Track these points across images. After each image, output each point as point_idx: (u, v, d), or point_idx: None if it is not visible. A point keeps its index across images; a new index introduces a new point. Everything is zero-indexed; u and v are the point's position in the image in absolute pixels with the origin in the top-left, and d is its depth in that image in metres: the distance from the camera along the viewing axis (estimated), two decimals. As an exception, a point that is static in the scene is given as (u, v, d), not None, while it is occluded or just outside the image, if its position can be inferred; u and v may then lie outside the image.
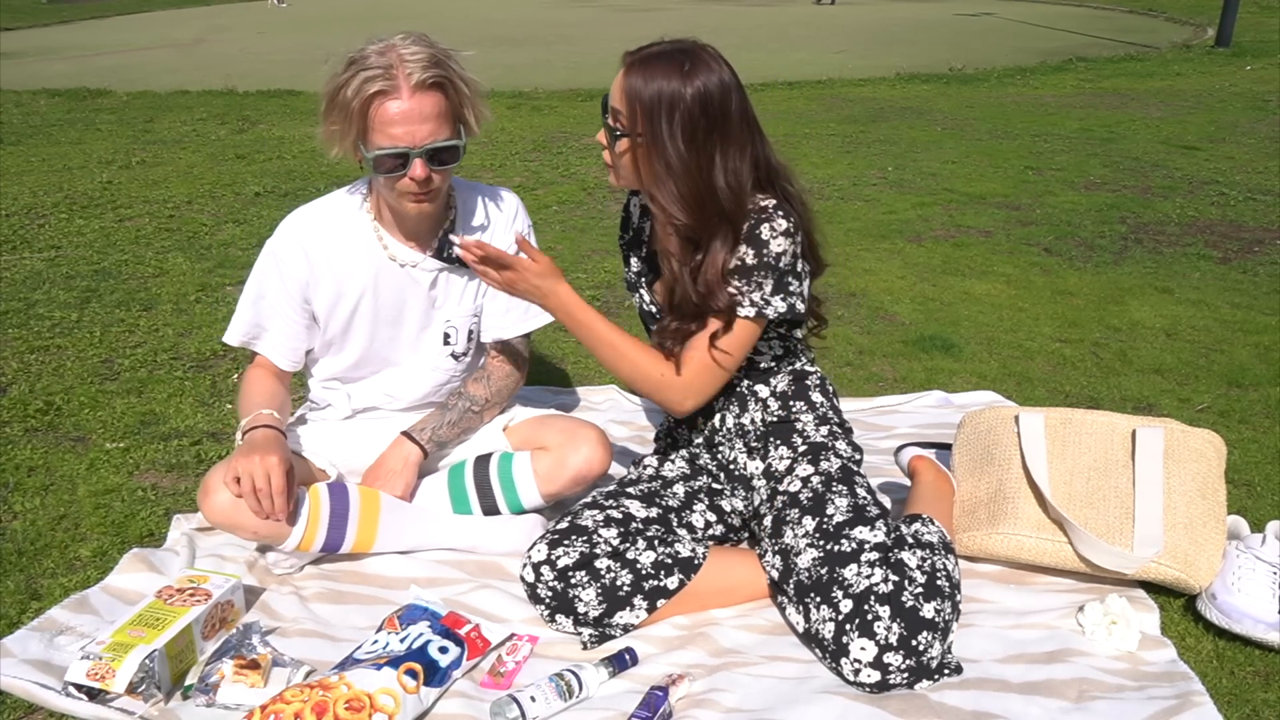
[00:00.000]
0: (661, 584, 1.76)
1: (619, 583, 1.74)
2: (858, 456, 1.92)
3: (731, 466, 1.94)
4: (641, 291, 1.92)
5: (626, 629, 1.76)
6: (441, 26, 14.07)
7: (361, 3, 18.16)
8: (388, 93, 1.69)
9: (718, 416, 1.93)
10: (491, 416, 2.08)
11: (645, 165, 1.65)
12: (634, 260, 1.95)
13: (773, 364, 1.89)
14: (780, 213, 1.68)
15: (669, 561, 1.77)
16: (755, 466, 1.90)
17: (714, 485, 1.97)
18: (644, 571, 1.76)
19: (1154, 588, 1.86)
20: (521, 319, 2.05)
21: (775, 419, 1.90)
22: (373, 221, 1.92)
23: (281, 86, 8.44)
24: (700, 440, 1.98)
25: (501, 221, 2.02)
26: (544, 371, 2.95)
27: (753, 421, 1.90)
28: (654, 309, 1.90)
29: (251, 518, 1.77)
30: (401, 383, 2.05)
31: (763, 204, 1.69)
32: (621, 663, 1.64)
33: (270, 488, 1.74)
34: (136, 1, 19.04)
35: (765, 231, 1.67)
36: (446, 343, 2.02)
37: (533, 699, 1.54)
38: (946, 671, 1.61)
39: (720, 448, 1.95)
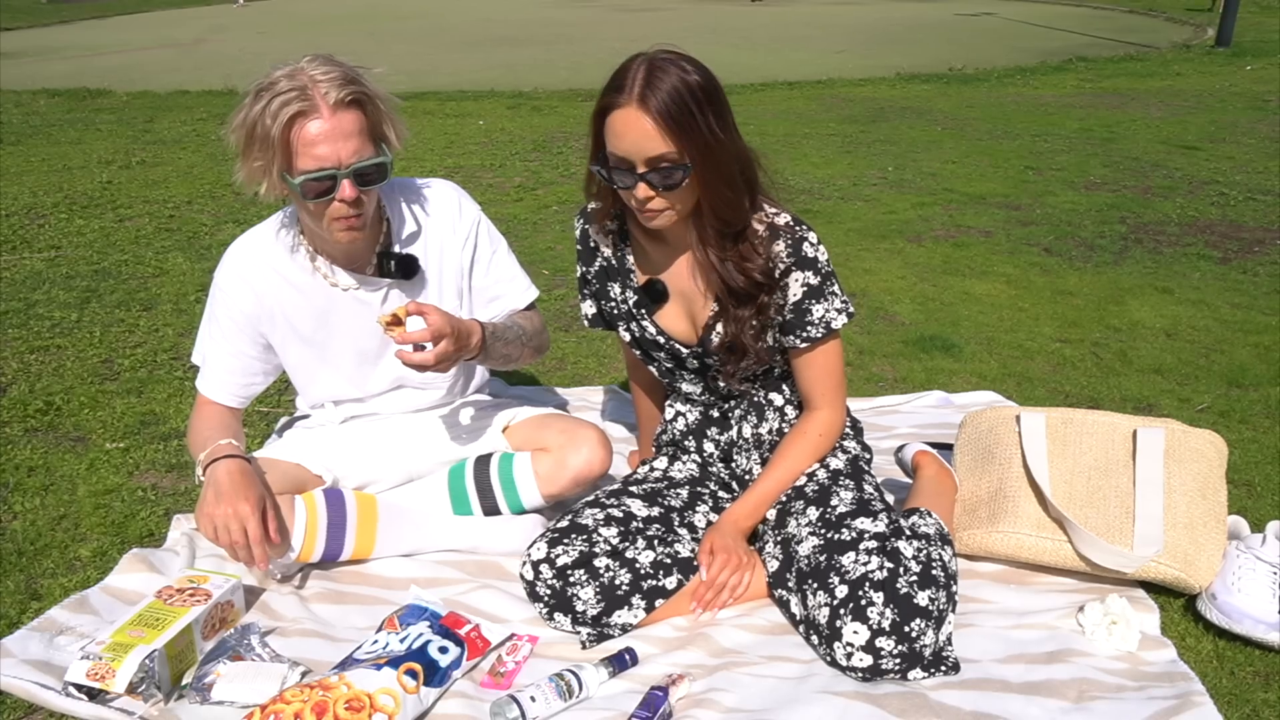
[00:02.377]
0: (660, 584, 1.77)
1: (617, 581, 1.74)
2: (867, 456, 1.94)
3: (746, 477, 1.95)
4: (643, 323, 1.88)
5: (625, 629, 1.76)
6: (441, 27, 14.06)
7: (362, 2, 18.16)
8: (307, 113, 1.62)
9: (735, 429, 1.94)
10: (529, 358, 1.99)
11: (702, 178, 1.61)
12: (617, 290, 1.89)
13: (787, 369, 1.89)
14: (803, 225, 1.72)
15: (668, 561, 1.78)
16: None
17: (720, 493, 1.97)
18: (643, 571, 1.76)
19: (1154, 588, 1.86)
20: (505, 305, 2.00)
21: (791, 427, 1.91)
22: (308, 249, 1.86)
23: (281, 86, 8.42)
24: (716, 452, 1.98)
25: (440, 223, 1.93)
26: (544, 371, 2.95)
27: (770, 431, 1.92)
28: (661, 337, 1.86)
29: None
30: (391, 403, 2.03)
31: (780, 220, 1.71)
32: (621, 663, 1.64)
33: (248, 539, 1.70)
34: (136, 1, 19.04)
35: (809, 249, 1.71)
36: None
37: (532, 699, 1.54)
38: (944, 668, 1.62)
39: (737, 458, 1.96)
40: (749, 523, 1.83)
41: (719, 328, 1.78)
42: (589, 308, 1.98)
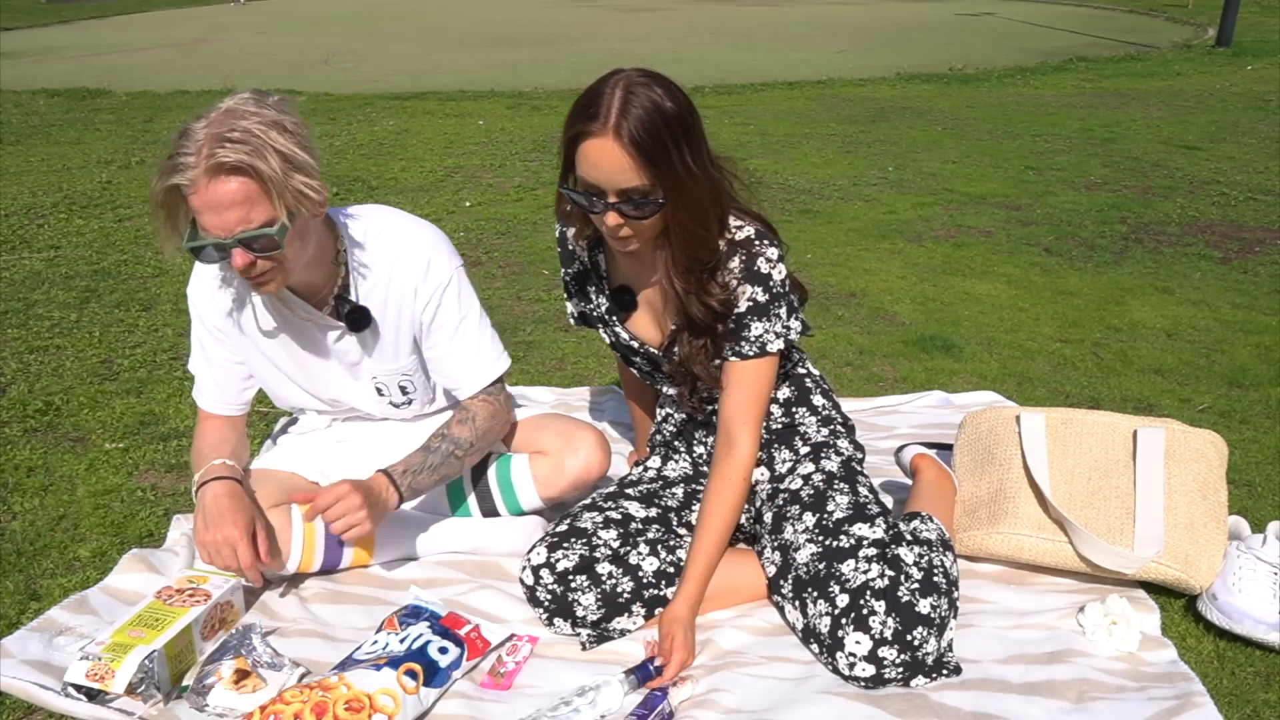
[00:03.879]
0: (662, 594, 1.76)
1: (619, 589, 1.74)
2: (860, 456, 1.93)
3: None
4: (615, 329, 1.88)
5: (623, 633, 1.76)
6: (441, 27, 14.06)
7: (362, 2, 18.16)
8: (185, 186, 1.51)
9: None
10: (472, 463, 1.91)
11: (673, 215, 1.59)
12: (592, 294, 1.90)
13: (779, 374, 1.89)
14: (765, 241, 1.69)
15: (671, 571, 1.77)
16: (761, 473, 1.90)
17: None
18: (645, 581, 1.75)
19: (1154, 588, 1.85)
20: (468, 376, 1.89)
21: (780, 425, 1.91)
22: None
23: (281, 86, 8.43)
24: (705, 453, 1.98)
25: (402, 281, 1.81)
26: (544, 372, 2.94)
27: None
28: (635, 342, 1.87)
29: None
30: (361, 413, 2.00)
31: (742, 236, 1.69)
32: (645, 673, 1.61)
33: (239, 563, 1.68)
34: (136, 1, 19.03)
35: (763, 265, 1.69)
36: (380, 395, 1.94)
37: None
38: (945, 672, 1.61)
39: None
40: (702, 599, 1.74)
41: (675, 349, 1.78)
42: (573, 307, 1.99)
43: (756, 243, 1.69)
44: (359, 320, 1.79)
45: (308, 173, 1.57)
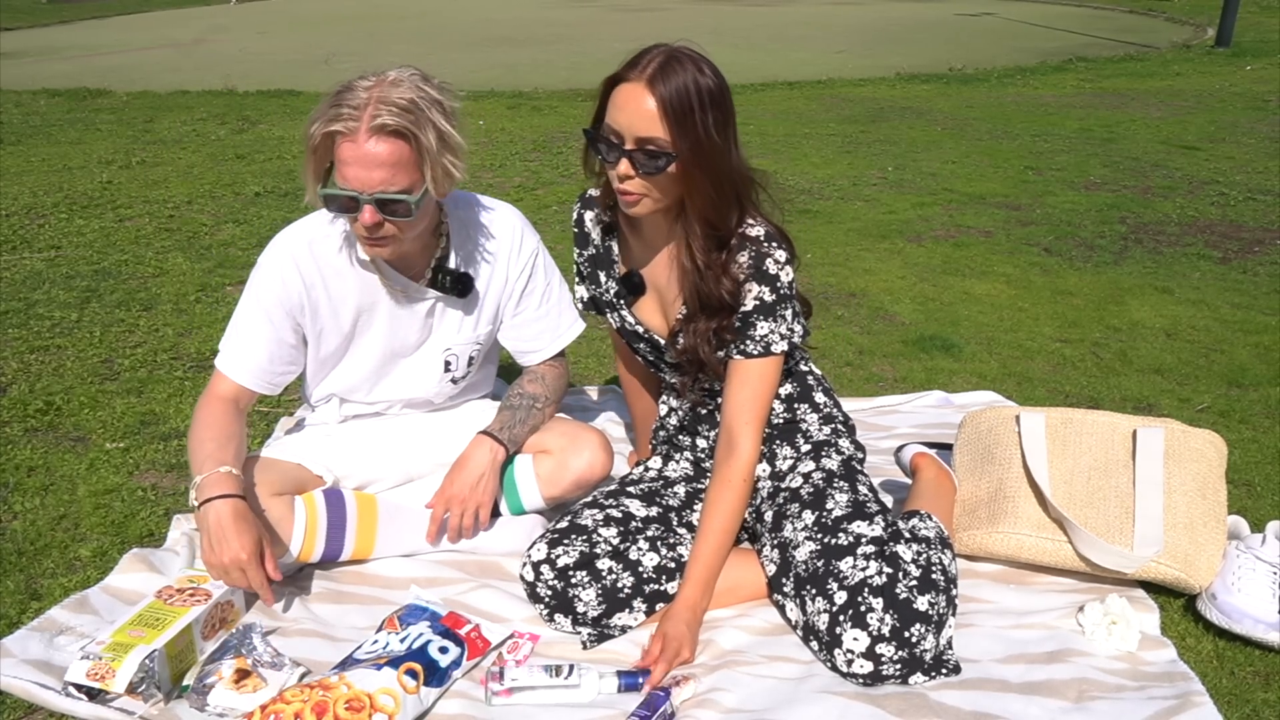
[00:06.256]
0: (663, 589, 1.77)
1: (619, 584, 1.74)
2: (860, 455, 1.94)
3: None
4: (622, 313, 1.91)
5: (624, 629, 1.76)
6: (441, 27, 14.06)
7: (362, 2, 18.15)
8: (345, 134, 1.62)
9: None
10: (551, 415, 2.05)
11: (686, 173, 1.61)
12: (603, 278, 1.93)
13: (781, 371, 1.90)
14: (774, 243, 1.71)
15: (672, 567, 1.78)
16: (762, 469, 1.91)
17: None
18: (646, 575, 1.76)
19: (1154, 588, 1.86)
20: (553, 339, 2.05)
21: (781, 421, 1.92)
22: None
23: (281, 86, 8.43)
24: (707, 447, 1.98)
25: (501, 251, 1.96)
26: (544, 371, 2.94)
27: None
28: (640, 328, 1.89)
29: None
30: (398, 399, 2.03)
31: (752, 233, 1.71)
32: (633, 682, 1.61)
33: (250, 584, 1.68)
34: (136, 1, 19.03)
35: (771, 266, 1.70)
36: (446, 370, 2.00)
37: (515, 663, 1.56)
38: (944, 670, 1.62)
39: None
40: (706, 602, 1.75)
41: (681, 337, 1.80)
42: (583, 291, 2.03)
43: (766, 243, 1.71)
44: (464, 286, 1.89)
45: (456, 154, 1.70)
